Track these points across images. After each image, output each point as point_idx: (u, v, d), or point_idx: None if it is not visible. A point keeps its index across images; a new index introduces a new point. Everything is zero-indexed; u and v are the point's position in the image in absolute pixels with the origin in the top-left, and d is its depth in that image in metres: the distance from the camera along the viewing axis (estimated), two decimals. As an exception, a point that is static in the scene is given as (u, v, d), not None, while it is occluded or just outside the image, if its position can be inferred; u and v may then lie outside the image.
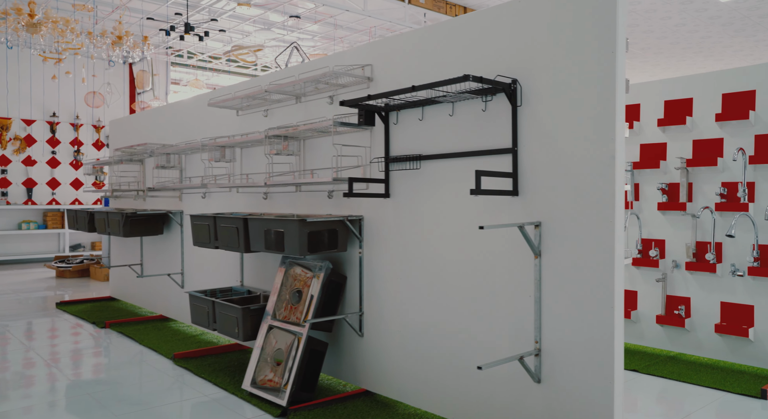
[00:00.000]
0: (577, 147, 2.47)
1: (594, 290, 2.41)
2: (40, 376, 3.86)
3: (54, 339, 4.87)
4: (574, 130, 2.47)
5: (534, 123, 2.62)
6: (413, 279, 3.17)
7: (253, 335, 3.68)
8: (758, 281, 3.95)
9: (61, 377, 3.83)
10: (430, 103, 3.04)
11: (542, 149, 2.59)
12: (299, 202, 3.95)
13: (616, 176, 2.34)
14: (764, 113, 3.93)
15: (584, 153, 2.44)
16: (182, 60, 12.18)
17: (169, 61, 12.04)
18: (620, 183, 2.36)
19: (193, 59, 12.11)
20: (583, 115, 2.44)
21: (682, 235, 4.32)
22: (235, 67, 12.64)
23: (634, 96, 4.60)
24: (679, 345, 4.34)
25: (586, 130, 2.44)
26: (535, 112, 2.62)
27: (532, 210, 2.63)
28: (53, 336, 4.97)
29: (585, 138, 2.44)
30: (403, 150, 3.21)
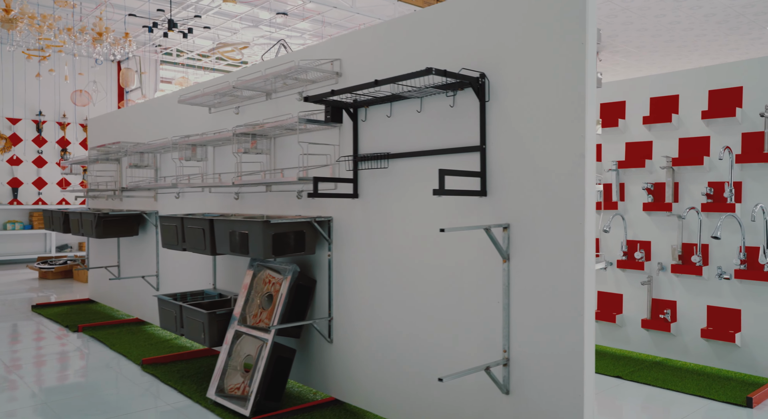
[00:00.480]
0: (546, 145, 2.33)
1: (563, 296, 2.27)
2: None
3: (21, 343, 4.72)
4: (543, 127, 2.34)
5: (503, 119, 2.49)
6: (382, 284, 3.03)
7: (220, 341, 3.54)
8: (745, 284, 3.82)
9: (21, 384, 3.69)
10: (398, 99, 2.90)
11: (511, 147, 2.46)
12: (270, 203, 3.81)
13: (586, 175, 2.20)
14: (752, 110, 3.80)
15: (553, 151, 2.30)
16: (171, 58, 12.03)
17: (158, 59, 11.89)
18: (591, 183, 2.22)
19: (182, 57, 11.96)
20: (552, 111, 2.31)
21: (668, 237, 4.18)
22: (225, 65, 12.50)
23: (620, 93, 4.46)
24: (665, 350, 4.20)
25: (555, 127, 2.30)
26: (503, 108, 2.48)
27: (500, 211, 2.49)
28: (21, 340, 4.83)
29: (554, 135, 2.30)
30: (372, 148, 3.08)
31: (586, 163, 2.20)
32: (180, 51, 11.74)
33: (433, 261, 2.77)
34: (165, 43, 11.05)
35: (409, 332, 2.89)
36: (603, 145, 4.55)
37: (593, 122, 2.22)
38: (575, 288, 2.23)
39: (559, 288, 2.29)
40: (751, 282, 3.79)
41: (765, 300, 3.73)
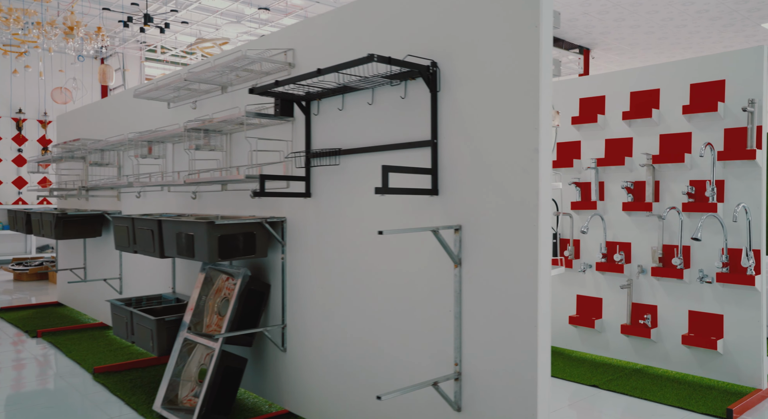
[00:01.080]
0: (499, 138, 2.13)
1: (516, 305, 2.07)
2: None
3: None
4: (496, 119, 2.13)
5: (455, 112, 2.28)
6: (335, 289, 2.83)
7: (169, 349, 3.34)
8: (727, 288, 3.62)
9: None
10: (350, 91, 2.70)
11: (464, 141, 2.25)
12: (226, 202, 3.60)
13: (540, 172, 2.00)
14: (734, 105, 3.60)
15: (506, 145, 2.10)
16: (156, 55, 11.82)
17: (142, 56, 11.67)
18: (545, 180, 2.02)
19: (166, 54, 11.75)
20: (505, 101, 2.10)
21: (649, 238, 3.99)
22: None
23: (599, 87, 4.26)
24: (646, 357, 4.01)
25: (507, 119, 2.10)
26: (456, 100, 2.28)
27: (452, 211, 2.29)
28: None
29: (507, 128, 2.10)
30: (325, 143, 2.87)
31: (540, 158, 2.00)
32: (165, 48, 11.53)
33: (385, 265, 2.57)
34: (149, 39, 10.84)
35: (362, 341, 2.69)
36: (582, 141, 4.35)
37: (548, 113, 2.02)
38: (528, 296, 2.03)
39: (512, 296, 2.08)
40: (733, 287, 3.59)
41: (748, 305, 3.53)
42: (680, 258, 3.73)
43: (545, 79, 2.01)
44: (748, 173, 3.54)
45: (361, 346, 2.69)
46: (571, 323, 4.29)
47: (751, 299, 3.52)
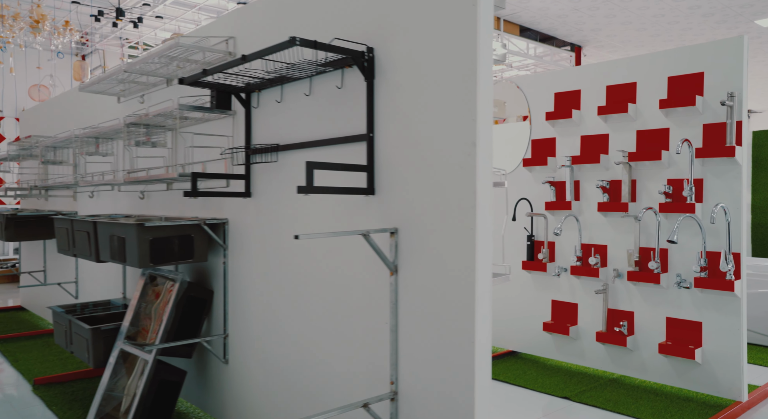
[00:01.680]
0: (436, 132, 1.91)
1: (453, 318, 1.85)
2: None
3: None
4: (433, 110, 1.91)
5: (392, 102, 2.06)
6: (275, 297, 2.61)
7: (106, 360, 3.11)
8: (706, 294, 3.40)
9: None
10: (288, 81, 2.48)
11: (401, 135, 2.03)
12: (173, 203, 3.38)
13: (477, 169, 1.78)
14: (713, 99, 3.38)
15: (443, 139, 1.88)
16: (137, 52, 11.58)
17: (123, 52, 11.44)
18: (484, 178, 1.80)
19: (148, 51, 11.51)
20: (442, 90, 1.88)
21: (625, 240, 3.76)
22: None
23: (574, 81, 4.04)
24: (622, 366, 3.78)
25: (444, 110, 1.87)
26: (392, 89, 2.06)
27: (389, 213, 2.07)
28: None
29: (444, 120, 1.88)
30: (266, 138, 2.65)
31: (477, 153, 1.78)
32: (147, 44, 11.29)
33: (322, 271, 2.35)
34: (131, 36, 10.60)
35: (302, 354, 2.46)
36: (557, 138, 4.12)
37: (487, 103, 1.80)
38: (465, 307, 1.80)
39: (449, 307, 1.86)
40: (712, 292, 3.37)
41: (727, 312, 3.31)
42: (657, 262, 3.51)
43: (484, 65, 1.79)
44: (727, 171, 3.32)
45: (302, 359, 2.46)
46: (546, 330, 4.07)
47: (730, 305, 3.30)
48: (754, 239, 7.54)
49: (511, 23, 11.74)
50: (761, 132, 7.60)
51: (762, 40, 12.34)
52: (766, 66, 14.44)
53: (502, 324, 4.43)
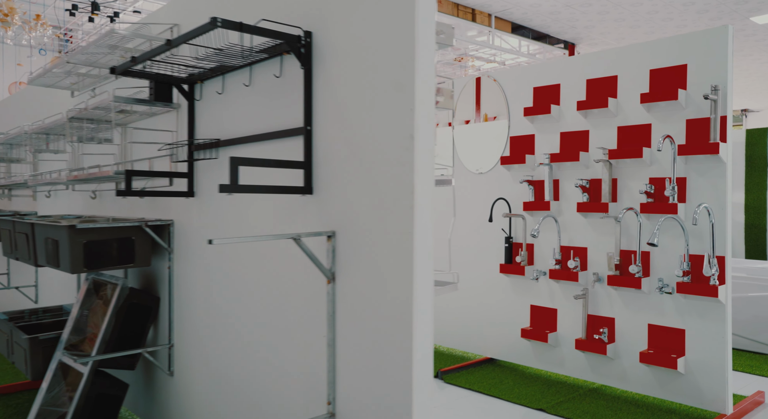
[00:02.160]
0: (374, 125, 1.71)
1: (391, 331, 1.65)
2: None
3: None
4: (372, 101, 1.71)
5: (331, 93, 1.86)
6: (219, 304, 2.41)
7: (44, 372, 2.91)
8: (689, 300, 3.20)
9: None
10: (230, 70, 2.28)
11: (340, 129, 1.83)
12: (125, 203, 3.18)
13: (416, 166, 1.58)
14: (697, 93, 3.18)
15: (382, 134, 1.68)
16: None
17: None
18: (424, 174, 1.60)
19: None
20: (381, 79, 1.68)
21: (606, 242, 3.57)
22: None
23: (554, 75, 3.84)
24: (602, 375, 3.59)
25: (383, 101, 1.68)
26: (332, 78, 1.86)
27: (327, 214, 1.87)
28: None
29: (382, 112, 1.68)
30: (210, 133, 2.45)
31: (416, 148, 1.58)
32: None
33: (261, 278, 2.15)
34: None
35: (245, 366, 2.27)
36: (536, 135, 3.93)
37: (428, 90, 1.60)
38: (402, 319, 1.61)
39: (387, 319, 1.66)
40: (695, 298, 3.17)
41: (711, 318, 3.12)
42: (638, 266, 3.31)
43: (424, 50, 1.59)
44: (711, 169, 3.13)
45: (245, 372, 2.27)
46: (524, 336, 3.87)
47: (714, 312, 3.11)
48: (748, 240, 7.35)
49: (503, 20, 11.54)
50: (755, 130, 7.41)
51: (758, 38, 12.15)
52: (763, 64, 14.24)
53: (480, 330, 4.24)
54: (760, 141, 7.29)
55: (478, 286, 4.23)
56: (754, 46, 12.70)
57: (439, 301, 4.48)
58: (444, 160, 4.36)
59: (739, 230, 7.44)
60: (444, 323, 4.47)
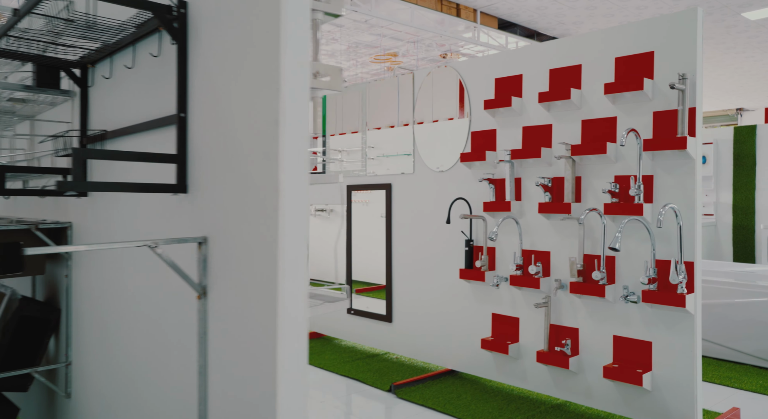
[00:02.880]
0: (245, 110, 1.42)
1: (256, 356, 1.36)
2: None
3: None
4: (245, 83, 1.43)
5: (206, 73, 1.57)
6: (114, 319, 2.12)
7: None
8: (656, 310, 2.92)
9: None
10: (118, 51, 1.99)
11: (215, 116, 1.55)
12: (33, 203, 2.89)
13: (281, 158, 1.29)
14: (664, 82, 2.90)
15: (251, 120, 1.39)
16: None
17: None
18: (294, 171, 1.31)
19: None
20: (251, 54, 1.40)
21: (570, 246, 3.28)
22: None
23: (516, 65, 3.55)
24: (566, 390, 3.30)
25: (252, 81, 1.39)
26: (206, 55, 1.57)
27: (201, 216, 1.58)
28: None
29: (252, 94, 1.39)
30: (100, 123, 2.16)
31: (281, 136, 1.29)
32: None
33: (142, 292, 1.86)
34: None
35: (128, 389, 1.98)
36: (498, 130, 3.64)
37: (299, 66, 1.31)
38: (267, 340, 1.32)
39: (253, 342, 1.38)
40: (662, 308, 2.89)
41: (679, 330, 2.83)
42: (602, 272, 3.02)
43: (293, 15, 1.30)
44: (679, 166, 2.84)
45: (128, 396, 1.98)
46: (484, 347, 3.58)
47: (682, 323, 2.82)
48: (736, 242, 7.07)
49: (489, 16, 11.25)
50: (743, 127, 7.13)
51: (750, 34, 11.87)
52: (756, 61, 13.98)
53: (440, 339, 3.95)
54: (748, 138, 7.01)
55: (439, 293, 3.95)
56: (746, 43, 12.42)
57: (401, 308, 4.19)
58: (436, 160, 4.03)
59: (726, 231, 7.17)
60: (405, 331, 4.19)
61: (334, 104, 4.79)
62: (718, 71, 15.13)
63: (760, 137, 6.94)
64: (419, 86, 4.12)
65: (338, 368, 4.05)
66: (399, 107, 4.26)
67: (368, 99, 4.49)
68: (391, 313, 4.28)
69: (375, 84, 4.46)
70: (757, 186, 6.89)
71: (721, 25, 11.49)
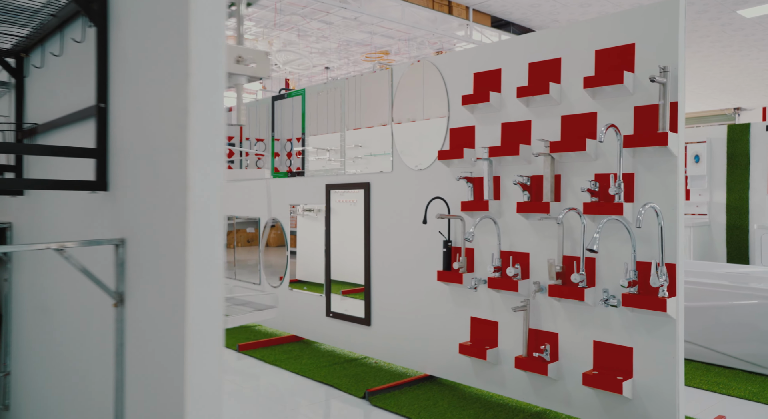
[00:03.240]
0: (157, 99, 1.28)
1: (169, 369, 1.23)
2: None
3: None
4: (156, 68, 1.29)
5: (126, 60, 1.44)
6: (49, 325, 1.98)
7: None
8: (637, 314, 2.78)
9: None
10: (49, 37, 1.85)
11: (135, 107, 1.41)
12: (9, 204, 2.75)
13: (190, 152, 1.15)
14: (645, 76, 2.76)
15: (161, 109, 1.26)
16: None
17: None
18: (205, 166, 1.17)
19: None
20: (160, 35, 1.26)
21: (550, 247, 3.14)
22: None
23: (494, 59, 3.42)
24: (545, 398, 3.16)
25: (162, 66, 1.25)
26: (125, 40, 1.43)
27: (121, 216, 1.44)
28: None
29: (162, 81, 1.25)
30: (37, 116, 2.02)
31: (190, 127, 1.15)
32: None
33: (66, 298, 1.73)
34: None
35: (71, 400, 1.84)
36: (477, 126, 3.50)
37: (212, 46, 1.17)
38: (175, 357, 1.18)
39: (167, 352, 1.24)
40: (643, 312, 2.75)
41: (660, 336, 2.69)
42: (582, 275, 2.88)
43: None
44: (660, 164, 2.71)
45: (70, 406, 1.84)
46: (462, 352, 3.44)
47: (663, 328, 2.69)
48: (729, 243, 6.93)
49: (481, 13, 11.12)
50: (737, 126, 6.99)
51: (746, 32, 11.74)
52: (753, 60, 13.85)
53: (419, 344, 3.81)
54: (742, 137, 6.87)
55: (418, 296, 3.81)
56: (743, 41, 12.29)
57: (380, 311, 4.05)
58: (415, 158, 3.91)
59: (720, 232, 7.03)
60: (384, 335, 4.05)
61: (317, 102, 4.65)
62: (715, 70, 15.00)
63: (754, 136, 6.80)
64: (398, 82, 3.98)
65: (314, 373, 3.91)
66: (378, 104, 4.12)
67: (347, 95, 4.35)
68: (370, 316, 4.15)
69: (354, 80, 4.32)
70: (750, 185, 6.75)
71: (716, 23, 11.35)
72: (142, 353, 1.35)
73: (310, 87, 4.72)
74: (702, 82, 16.00)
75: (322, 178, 4.56)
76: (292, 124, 4.89)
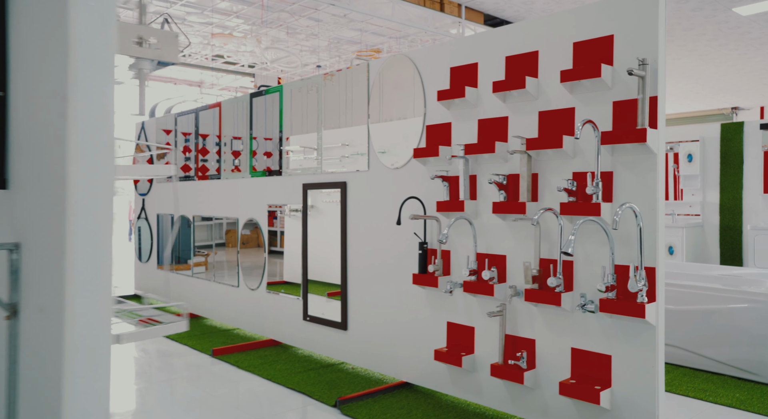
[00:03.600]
0: (46, 85, 1.14)
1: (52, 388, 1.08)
2: None
3: None
4: (44, 51, 1.14)
5: (25, 40, 1.29)
6: None
7: None
8: (616, 320, 2.64)
9: None
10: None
11: (34, 95, 1.26)
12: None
13: (70, 144, 1.01)
14: (625, 69, 2.61)
15: (48, 98, 1.11)
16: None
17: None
18: (87, 160, 1.03)
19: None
20: (47, 13, 1.11)
21: (527, 249, 3.00)
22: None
23: (471, 53, 3.27)
24: (522, 407, 3.02)
25: (48, 47, 1.11)
26: (25, 17, 1.29)
27: (20, 217, 1.30)
28: None
29: (48, 64, 1.11)
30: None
31: (70, 115, 1.00)
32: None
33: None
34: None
35: None
36: (453, 123, 3.36)
37: (100, 29, 1.03)
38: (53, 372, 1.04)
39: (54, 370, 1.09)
40: (622, 318, 2.61)
41: (639, 343, 2.55)
42: (559, 278, 2.74)
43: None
44: (640, 162, 2.56)
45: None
46: (437, 359, 3.29)
47: (643, 335, 2.54)
48: (723, 244, 6.78)
49: (474, 11, 10.98)
50: (730, 124, 6.85)
51: (743, 30, 11.60)
52: (750, 59, 13.71)
53: (395, 349, 3.66)
54: (735, 136, 6.72)
55: (394, 299, 3.66)
56: (739, 40, 12.15)
57: (356, 315, 3.91)
58: (392, 156, 3.79)
59: (713, 232, 6.88)
60: (360, 340, 3.90)
61: (294, 99, 4.51)
62: (712, 69, 14.86)
63: (748, 134, 6.66)
64: (374, 76, 3.83)
65: (287, 380, 3.77)
66: (355, 99, 3.98)
67: (324, 92, 4.21)
68: (347, 320, 4.00)
69: (331, 75, 4.17)
70: (744, 185, 6.61)
71: (712, 21, 11.21)
72: (39, 372, 1.21)
73: (287, 83, 4.58)
74: (698, 82, 15.86)
75: (300, 177, 4.41)
76: (270, 122, 4.74)
